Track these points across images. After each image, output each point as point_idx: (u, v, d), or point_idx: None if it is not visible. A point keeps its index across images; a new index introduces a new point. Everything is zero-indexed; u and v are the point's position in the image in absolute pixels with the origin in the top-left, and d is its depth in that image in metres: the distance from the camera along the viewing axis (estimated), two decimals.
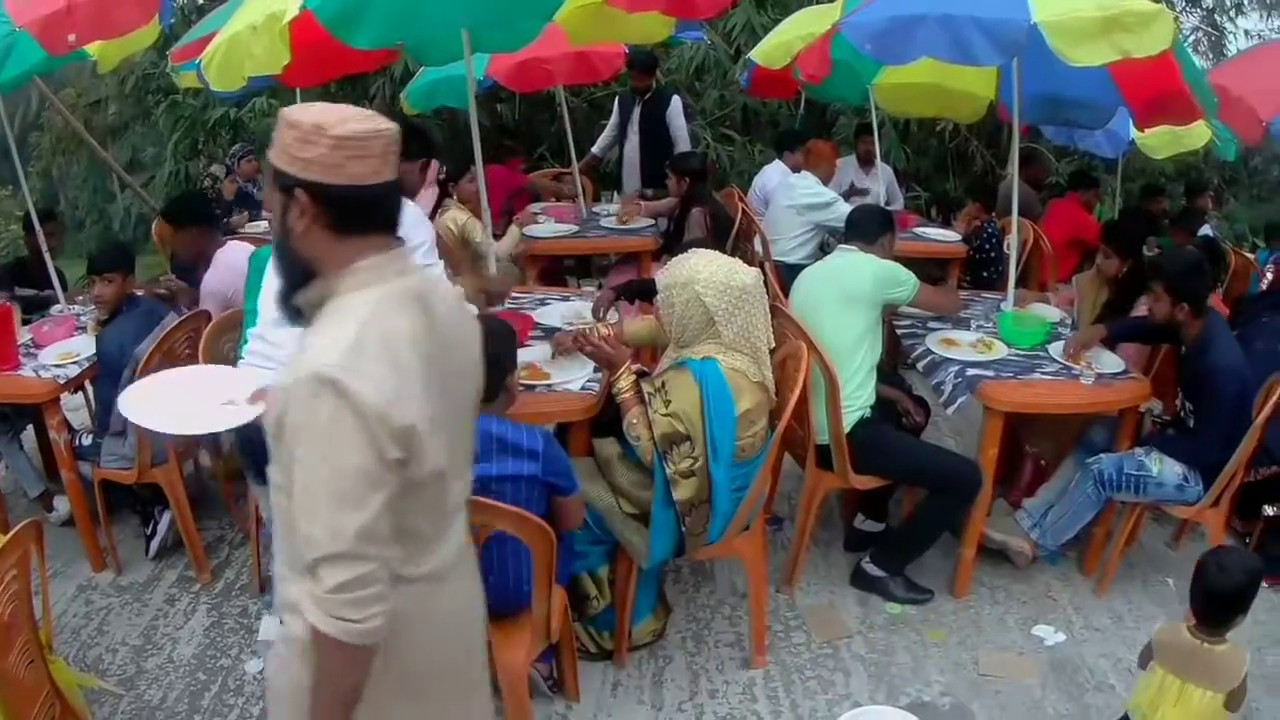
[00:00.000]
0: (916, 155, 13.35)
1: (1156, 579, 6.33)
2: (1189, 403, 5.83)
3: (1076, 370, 5.82)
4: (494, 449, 3.92)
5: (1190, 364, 5.78)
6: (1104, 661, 5.47)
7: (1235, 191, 15.67)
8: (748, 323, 4.47)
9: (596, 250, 9.49)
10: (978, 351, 6.02)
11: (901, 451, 5.67)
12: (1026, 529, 6.01)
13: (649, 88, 10.59)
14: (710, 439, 4.37)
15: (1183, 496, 5.73)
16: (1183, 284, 5.64)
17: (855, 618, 5.65)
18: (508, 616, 4.13)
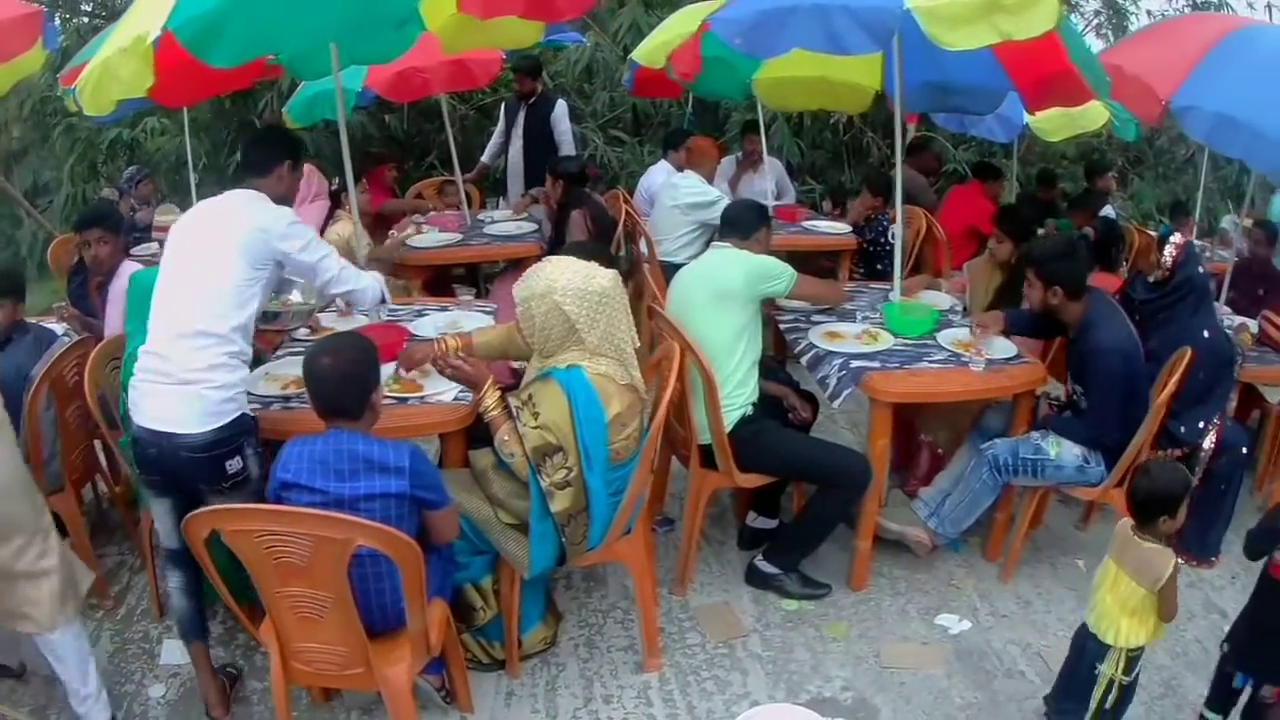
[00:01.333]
0: (811, 149, 13.49)
1: (1066, 561, 6.49)
2: (1078, 385, 5.97)
3: (966, 357, 5.94)
4: (360, 468, 3.97)
5: (1075, 346, 5.94)
6: (1013, 648, 5.59)
7: (1141, 171, 15.81)
8: (610, 326, 4.54)
9: (480, 258, 9.57)
10: (862, 343, 6.10)
11: (786, 448, 5.74)
12: (924, 518, 6.11)
13: (534, 92, 10.74)
14: (582, 447, 4.43)
15: (1084, 478, 5.87)
16: (1051, 268, 5.81)
17: (751, 616, 5.74)
18: (385, 632, 4.18)
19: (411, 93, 9.43)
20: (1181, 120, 6.16)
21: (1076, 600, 6.05)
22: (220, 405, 4.40)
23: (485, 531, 4.71)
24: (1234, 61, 6.26)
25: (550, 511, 4.49)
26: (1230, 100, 5.94)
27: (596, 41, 12.54)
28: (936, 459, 6.64)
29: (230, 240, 4.54)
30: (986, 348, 6.07)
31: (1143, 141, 15.33)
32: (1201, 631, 5.99)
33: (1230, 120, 5.86)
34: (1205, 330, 6.22)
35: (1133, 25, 15.38)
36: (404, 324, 6.22)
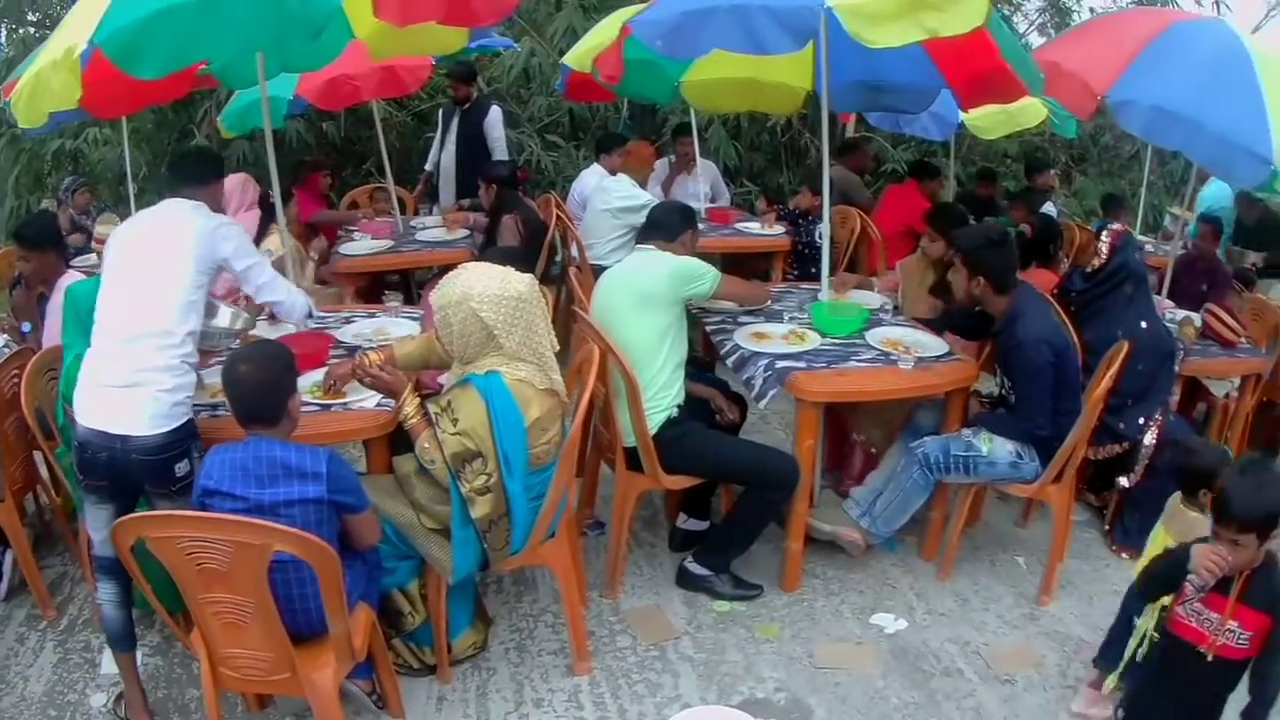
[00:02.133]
0: (749, 150, 13.54)
1: (1005, 559, 6.57)
2: (1007, 379, 6.05)
3: (895, 356, 5.98)
4: (279, 474, 4.01)
5: (1001, 340, 6.00)
6: (950, 646, 5.64)
7: (1085, 168, 15.96)
8: (528, 331, 4.57)
9: (411, 265, 9.62)
10: (789, 344, 6.14)
11: (712, 450, 5.77)
12: (856, 518, 6.15)
13: (469, 97, 10.80)
14: (501, 453, 4.46)
15: (1019, 474, 5.92)
16: (977, 257, 5.89)
17: (682, 618, 5.77)
18: (310, 638, 4.21)
19: (342, 100, 9.41)
20: (1117, 114, 6.24)
21: (1016, 597, 6.14)
22: (172, 408, 4.47)
23: (409, 537, 4.74)
24: (1173, 55, 6.34)
25: (471, 518, 4.52)
26: (1168, 94, 6.02)
27: (532, 47, 12.57)
28: (869, 458, 6.67)
29: (180, 246, 4.68)
30: (916, 346, 6.14)
31: (1085, 138, 15.52)
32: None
33: (1168, 113, 5.93)
34: (1143, 321, 6.35)
35: (1075, 21, 15.45)
36: (331, 331, 6.22)
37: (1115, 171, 16.06)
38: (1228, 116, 5.92)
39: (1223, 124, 5.87)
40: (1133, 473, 6.61)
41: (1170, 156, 14.20)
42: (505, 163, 9.86)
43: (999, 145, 13.69)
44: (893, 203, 10.31)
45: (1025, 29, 15.64)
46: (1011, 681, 5.40)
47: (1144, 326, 6.26)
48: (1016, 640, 5.76)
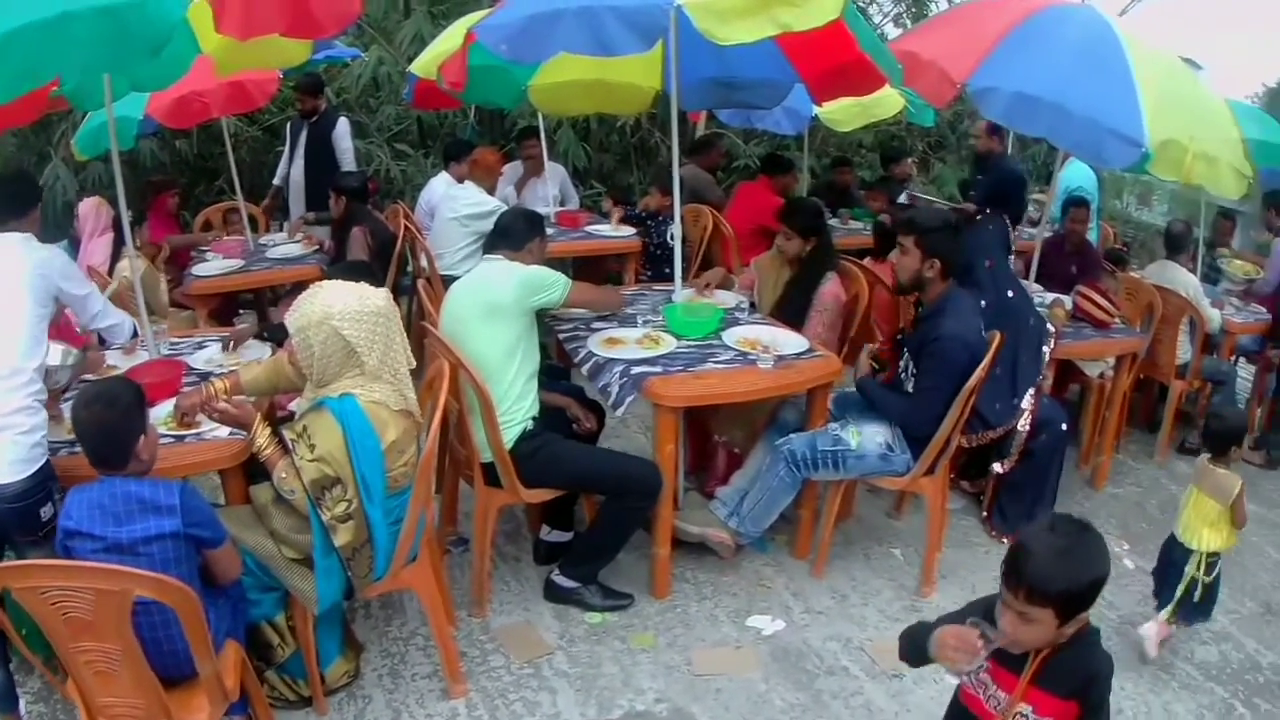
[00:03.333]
0: (598, 152, 13.61)
1: (880, 551, 6.63)
2: (914, 366, 6.00)
3: (754, 355, 5.95)
4: (135, 510, 3.90)
5: (924, 326, 5.96)
6: (832, 644, 5.65)
7: (943, 155, 16.21)
8: (387, 347, 4.49)
9: (263, 283, 9.45)
10: (644, 348, 6.11)
11: (570, 460, 5.69)
12: (724, 519, 6.13)
13: (316, 110, 10.68)
14: (360, 478, 4.37)
15: (889, 467, 5.93)
16: (935, 239, 5.87)
17: (554, 633, 5.70)
18: (182, 681, 4.11)
19: (192, 118, 9.26)
20: (978, 101, 6.32)
21: (895, 590, 6.19)
22: (31, 450, 4.39)
23: (271, 568, 4.63)
24: (1038, 41, 6.40)
25: (334, 546, 4.42)
26: (1031, 79, 6.08)
27: (380, 55, 12.44)
28: (733, 458, 6.65)
29: (15, 281, 4.61)
30: (775, 344, 6.11)
31: (943, 126, 15.79)
32: None
33: (1032, 99, 5.99)
34: (1009, 291, 6.55)
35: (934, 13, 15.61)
36: (183, 358, 6.09)
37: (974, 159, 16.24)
38: (1097, 100, 6.00)
39: (1091, 108, 5.94)
40: (1008, 458, 6.69)
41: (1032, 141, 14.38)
42: (355, 174, 9.78)
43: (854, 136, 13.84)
44: (744, 199, 10.30)
45: (880, 20, 15.71)
46: (899, 676, 5.41)
47: (1010, 295, 6.44)
48: (900, 634, 5.69)
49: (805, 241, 6.78)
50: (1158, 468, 8.70)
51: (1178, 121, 6.22)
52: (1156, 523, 7.53)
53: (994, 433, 6.52)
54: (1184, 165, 6.18)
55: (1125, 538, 7.28)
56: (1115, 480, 8.25)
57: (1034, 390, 6.60)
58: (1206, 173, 6.31)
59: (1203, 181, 6.41)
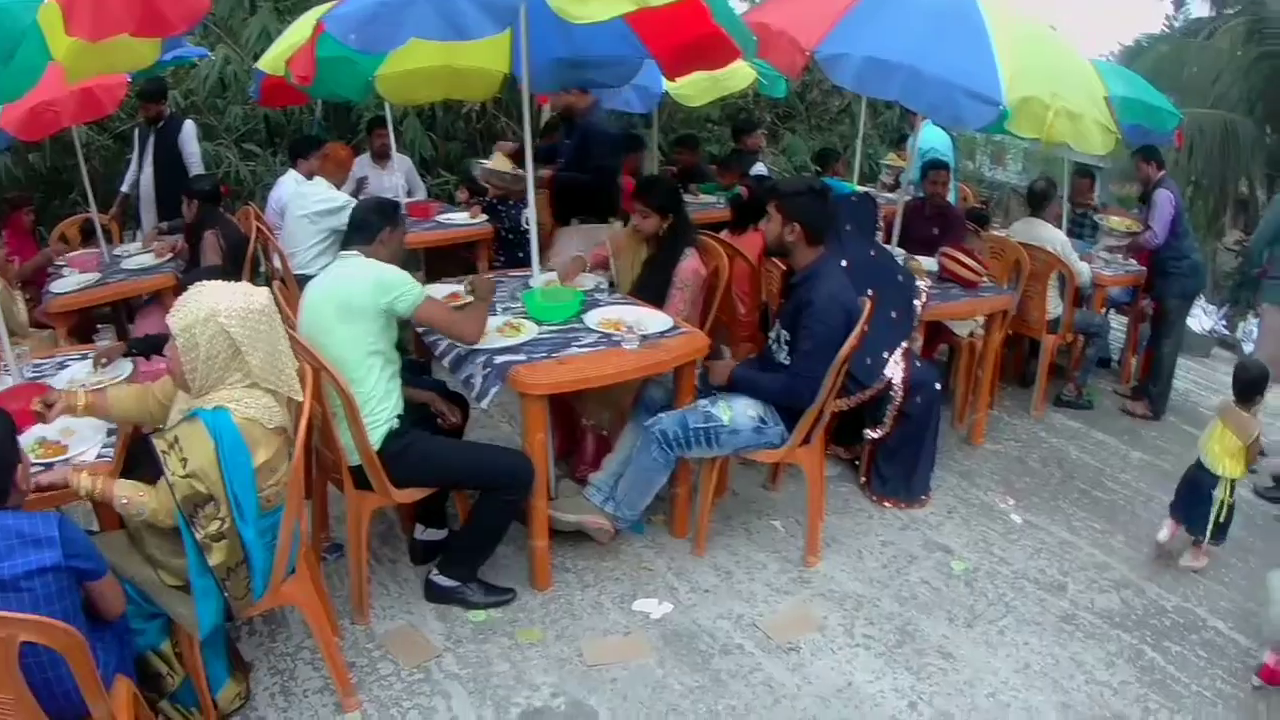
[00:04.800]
0: (445, 140, 13.59)
1: (761, 524, 6.64)
2: (786, 332, 5.99)
3: (618, 337, 5.91)
4: (15, 544, 3.74)
5: (797, 293, 5.96)
6: (723, 622, 5.64)
7: (793, 125, 16.33)
8: (272, 346, 4.38)
9: (120, 295, 9.24)
10: (504, 336, 6.00)
11: (439, 457, 5.59)
12: (599, 504, 6.09)
13: (161, 115, 10.49)
14: (232, 496, 4.24)
15: (764, 440, 5.92)
16: (795, 203, 5.88)
17: (440, 635, 5.60)
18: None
19: (44, 129, 9.04)
20: (828, 69, 6.36)
21: (781, 563, 6.22)
22: None
23: (151, 594, 4.50)
24: (891, 5, 6.49)
25: (209, 566, 4.29)
26: (882, 44, 6.14)
27: (226, 54, 12.28)
28: (602, 441, 6.64)
29: None
30: (638, 324, 6.07)
31: (793, 96, 15.84)
32: (926, 572, 6.26)
33: (883, 64, 6.07)
34: (871, 250, 6.72)
35: None
36: (45, 380, 5.90)
37: (826, 126, 16.60)
38: (951, 62, 6.08)
39: (945, 69, 6.02)
40: (882, 423, 6.79)
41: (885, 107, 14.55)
42: (206, 177, 9.59)
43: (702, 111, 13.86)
44: None
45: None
46: (796, 649, 5.44)
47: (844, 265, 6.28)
48: (792, 606, 5.82)
49: (662, 218, 6.71)
50: (1035, 422, 8.90)
51: (1038, 80, 6.33)
52: (1039, 476, 7.74)
53: (867, 392, 6.60)
54: (1045, 122, 6.27)
55: (1009, 493, 7.42)
56: (993, 437, 8.40)
57: (904, 352, 6.67)
58: (1070, 130, 6.43)
59: (1067, 139, 6.53)
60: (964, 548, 6.59)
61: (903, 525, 6.77)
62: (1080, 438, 8.73)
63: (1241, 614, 6.17)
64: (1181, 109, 8.53)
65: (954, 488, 7.40)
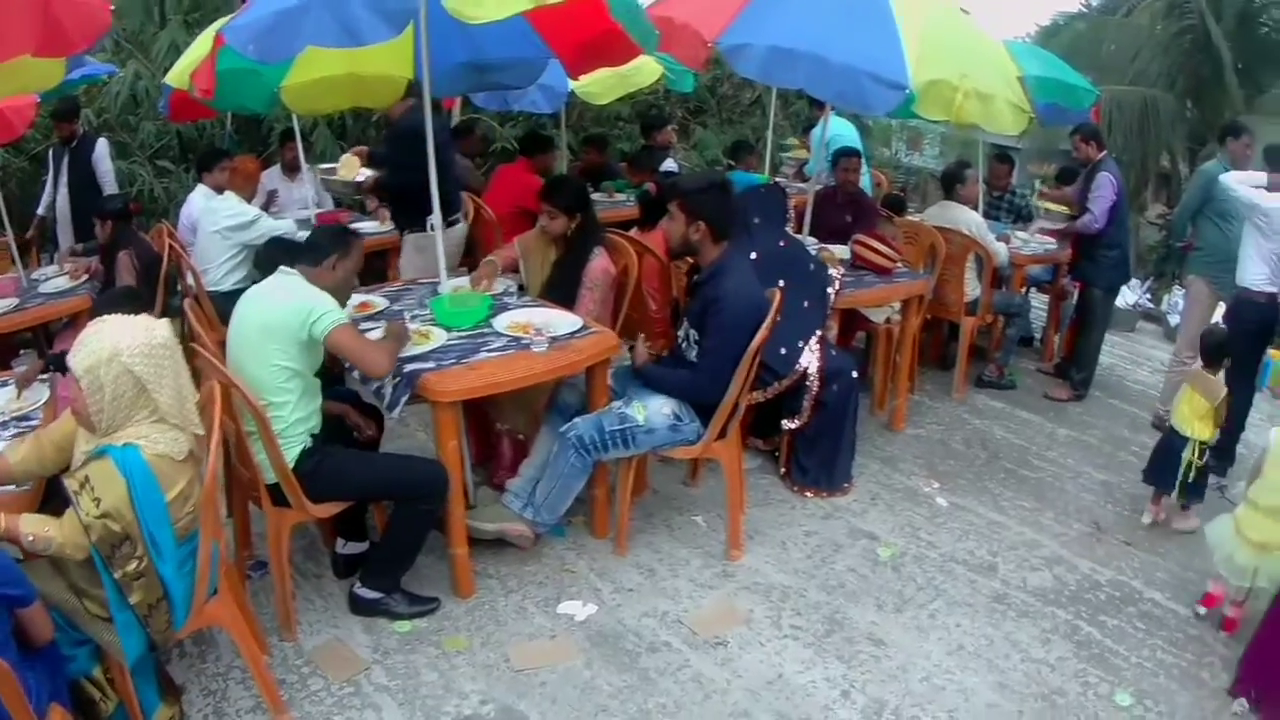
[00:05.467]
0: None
1: (682, 520, 6.63)
2: (695, 330, 5.99)
3: (526, 340, 5.87)
4: None
5: (704, 290, 5.94)
6: (649, 620, 5.63)
7: (704, 120, 16.34)
8: (176, 379, 4.28)
9: (39, 320, 9.12)
10: (414, 344, 5.89)
11: (353, 471, 5.55)
12: (518, 511, 6.08)
13: (74, 135, 10.45)
14: (148, 535, 4.16)
15: (680, 437, 5.92)
16: (698, 200, 5.86)
17: (367, 647, 5.54)
18: None
19: None
20: (732, 60, 6.36)
21: (704, 558, 6.21)
22: None
23: (77, 622, 4.43)
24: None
25: (129, 603, 4.24)
26: (786, 32, 6.13)
27: (137, 70, 12.13)
28: (519, 446, 6.60)
29: None
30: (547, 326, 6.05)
31: (703, 90, 15.85)
32: (852, 560, 6.27)
33: (787, 53, 6.05)
34: (780, 241, 6.70)
35: None
36: None
37: (738, 119, 16.61)
38: (857, 47, 6.08)
39: (851, 55, 6.01)
40: (799, 413, 6.79)
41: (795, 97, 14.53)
42: (117, 196, 9.60)
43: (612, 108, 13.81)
44: (503, 182, 10.22)
45: None
46: (724, 643, 5.44)
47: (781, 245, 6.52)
48: (717, 600, 5.82)
49: (570, 219, 6.69)
50: (957, 404, 8.95)
51: (946, 62, 6.37)
52: (964, 458, 7.78)
53: (783, 383, 6.62)
54: (954, 104, 6.33)
55: (934, 476, 7.45)
56: (915, 421, 8.43)
57: (819, 340, 6.68)
58: (980, 111, 6.46)
59: (976, 120, 6.55)
60: (890, 533, 6.61)
61: (826, 514, 6.77)
62: (1004, 417, 8.78)
63: (1179, 584, 6.22)
64: (1101, 86, 8.61)
65: (877, 474, 7.42)
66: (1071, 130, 9.36)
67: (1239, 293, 7.72)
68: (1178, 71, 20.26)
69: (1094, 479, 7.51)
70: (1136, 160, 20.40)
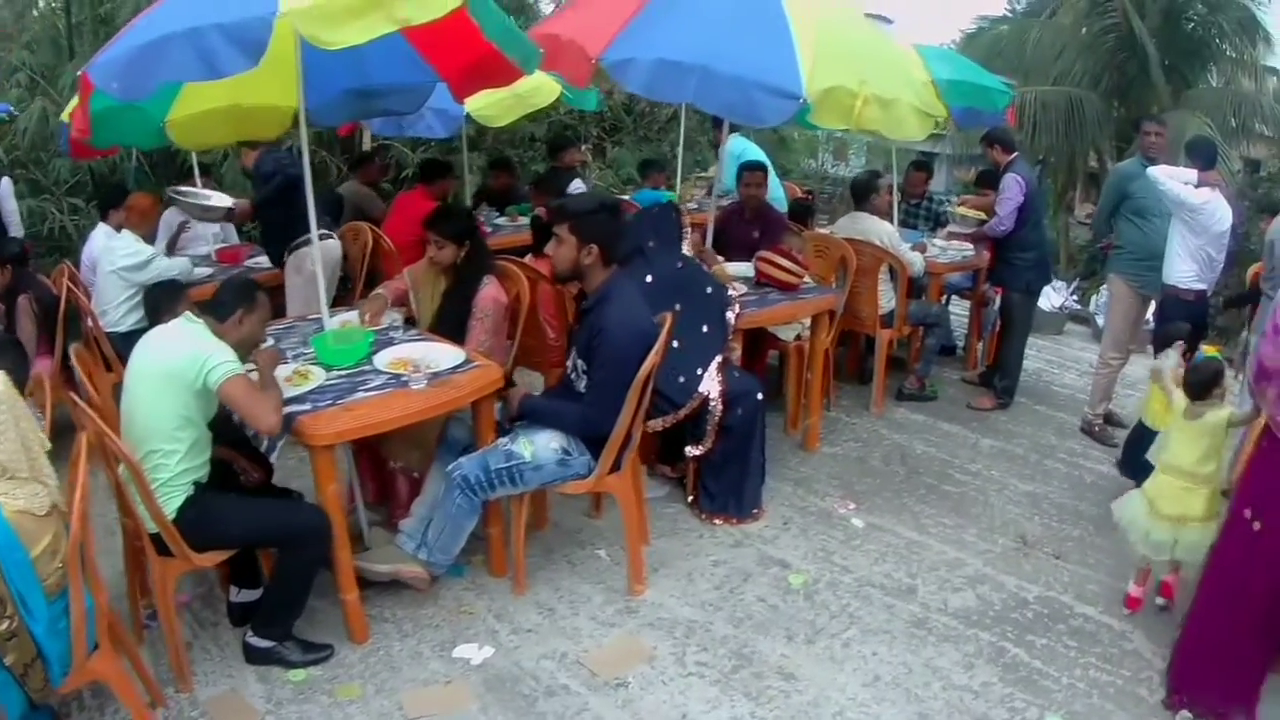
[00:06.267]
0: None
1: (584, 555, 6.46)
2: (582, 360, 5.81)
3: (405, 377, 5.70)
4: None
5: (590, 319, 5.76)
6: (547, 662, 5.47)
7: (620, 138, 16.29)
8: (18, 431, 4.15)
9: None
10: (293, 385, 5.69)
11: (234, 519, 5.36)
12: (411, 552, 5.89)
13: None
14: (16, 595, 4.04)
15: (570, 472, 5.75)
16: (589, 223, 5.66)
17: (261, 698, 5.36)
18: None
19: None
20: (617, 76, 6.21)
21: (606, 594, 6.04)
22: None
23: None
24: (680, 8, 6.34)
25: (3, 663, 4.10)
26: (673, 45, 6.01)
27: (44, 105, 11.98)
28: (414, 483, 6.40)
29: None
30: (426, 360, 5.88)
31: (618, 108, 16.04)
32: (762, 589, 6.09)
33: (674, 66, 5.93)
34: (677, 263, 6.65)
35: None
36: None
37: (654, 137, 16.74)
38: (747, 57, 5.96)
39: (741, 66, 5.90)
40: (703, 439, 6.64)
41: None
42: (13, 240, 9.40)
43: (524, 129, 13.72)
44: (401, 211, 10.13)
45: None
46: (624, 684, 5.27)
47: (649, 281, 6.29)
48: (618, 639, 5.65)
49: (458, 248, 6.56)
50: (875, 420, 8.81)
51: (845, 68, 6.22)
52: (882, 475, 7.65)
53: (682, 412, 6.48)
54: (854, 111, 6.17)
55: (850, 497, 7.29)
56: (831, 440, 8.28)
57: (720, 364, 6.53)
58: (881, 117, 6.32)
59: (878, 127, 6.43)
60: (802, 560, 6.44)
61: (735, 542, 6.60)
62: (925, 431, 8.67)
63: (1112, 596, 6.09)
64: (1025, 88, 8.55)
65: (789, 497, 7.26)
66: (982, 136, 9.28)
67: (1167, 290, 7.74)
68: (1103, 70, 20.42)
69: (1019, 490, 7.40)
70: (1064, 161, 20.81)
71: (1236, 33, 20.67)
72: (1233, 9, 20.50)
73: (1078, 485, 7.68)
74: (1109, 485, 7.41)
